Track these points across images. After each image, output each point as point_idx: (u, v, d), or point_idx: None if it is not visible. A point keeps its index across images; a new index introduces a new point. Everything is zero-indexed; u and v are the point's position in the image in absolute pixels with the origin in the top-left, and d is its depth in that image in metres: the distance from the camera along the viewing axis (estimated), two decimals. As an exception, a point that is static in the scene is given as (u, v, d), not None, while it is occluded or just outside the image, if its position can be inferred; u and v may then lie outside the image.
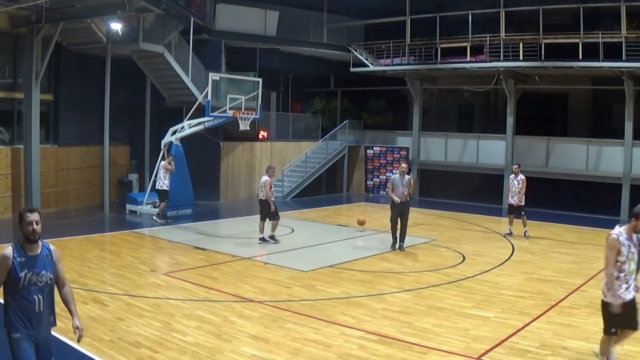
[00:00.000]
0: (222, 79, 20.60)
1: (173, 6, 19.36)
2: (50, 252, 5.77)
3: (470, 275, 12.82)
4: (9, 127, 19.90)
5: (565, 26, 22.46)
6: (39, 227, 5.59)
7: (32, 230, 5.53)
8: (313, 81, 31.72)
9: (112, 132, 21.08)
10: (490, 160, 25.51)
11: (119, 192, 23.64)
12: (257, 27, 25.50)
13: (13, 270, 5.40)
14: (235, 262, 13.78)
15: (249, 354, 8.06)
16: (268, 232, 16.09)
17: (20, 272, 5.40)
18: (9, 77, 20.00)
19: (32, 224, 5.53)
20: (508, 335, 8.89)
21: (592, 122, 26.82)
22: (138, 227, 18.76)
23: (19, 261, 5.44)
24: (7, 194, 19.13)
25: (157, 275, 12.33)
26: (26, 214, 5.57)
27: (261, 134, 26.43)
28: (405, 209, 15.33)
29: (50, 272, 5.66)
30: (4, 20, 18.46)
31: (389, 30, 27.39)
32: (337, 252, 15.61)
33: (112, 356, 7.83)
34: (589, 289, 11.71)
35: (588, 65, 21.52)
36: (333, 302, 10.68)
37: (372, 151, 28.65)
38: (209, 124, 20.63)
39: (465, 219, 21.28)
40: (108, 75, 20.42)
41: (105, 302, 10.27)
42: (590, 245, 16.55)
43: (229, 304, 10.38)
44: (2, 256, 5.44)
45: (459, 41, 24.86)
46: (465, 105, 30.44)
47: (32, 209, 5.68)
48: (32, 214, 5.58)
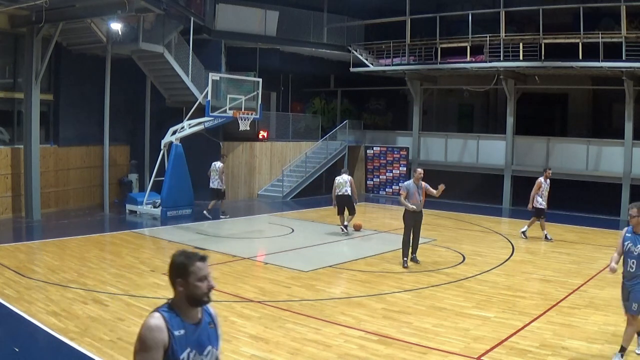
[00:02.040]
0: (222, 79, 20.61)
1: (173, 6, 19.38)
2: (212, 318, 4.00)
3: (470, 275, 12.82)
4: (9, 127, 19.89)
5: (565, 26, 22.46)
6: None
7: (208, 288, 3.73)
8: (313, 81, 31.74)
9: (112, 132, 21.08)
10: (490, 161, 25.50)
11: (119, 192, 23.64)
12: (257, 27, 25.51)
13: (171, 349, 3.61)
14: (235, 262, 13.77)
15: (249, 354, 8.06)
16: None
17: (181, 353, 3.63)
18: (9, 77, 20.01)
19: (207, 279, 3.71)
20: (508, 335, 8.89)
21: (592, 122, 26.85)
22: (138, 227, 18.77)
23: (177, 336, 3.65)
24: (7, 194, 19.13)
25: (157, 275, 12.32)
26: (195, 263, 3.69)
27: (261, 134, 26.45)
28: (419, 218, 13.95)
29: (215, 348, 3.91)
30: (4, 20, 18.47)
31: (389, 30, 27.40)
32: (337, 252, 15.61)
33: (112, 356, 7.82)
34: (588, 289, 11.72)
35: (588, 65, 21.51)
36: (333, 302, 10.68)
37: (372, 151, 28.64)
38: (209, 124, 20.63)
39: (465, 219, 21.29)
40: (108, 75, 20.42)
41: (106, 302, 10.26)
42: (590, 246, 16.57)
43: (229, 304, 10.37)
44: (153, 328, 3.63)
45: (459, 41, 24.86)
46: (465, 105, 30.46)
47: (203, 256, 3.73)
48: (204, 263, 3.71)
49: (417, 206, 13.61)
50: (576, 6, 21.61)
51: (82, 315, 9.48)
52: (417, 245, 14.12)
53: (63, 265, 12.93)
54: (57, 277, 11.81)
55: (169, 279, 3.79)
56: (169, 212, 19.75)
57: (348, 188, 17.61)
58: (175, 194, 19.95)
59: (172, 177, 19.96)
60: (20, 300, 10.14)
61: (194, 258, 3.68)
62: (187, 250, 3.79)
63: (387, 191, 28.05)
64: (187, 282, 3.67)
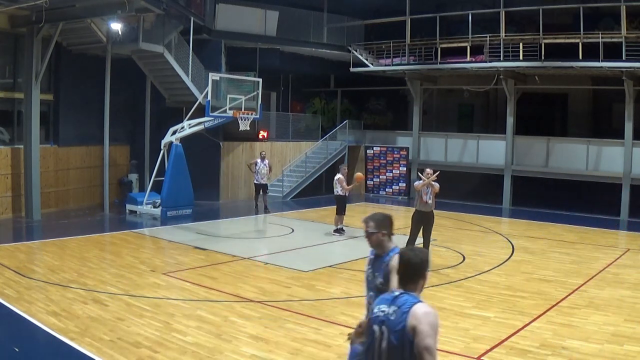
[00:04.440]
0: (222, 79, 20.61)
1: (173, 6, 19.38)
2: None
3: (470, 275, 12.82)
4: (9, 127, 19.89)
5: (565, 26, 22.46)
6: None
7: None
8: (313, 81, 31.75)
9: (112, 132, 21.08)
10: (490, 160, 25.51)
11: (119, 192, 23.63)
12: (257, 27, 25.50)
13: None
14: (235, 262, 13.78)
15: (249, 354, 8.06)
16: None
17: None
18: (9, 77, 20.00)
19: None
20: (508, 335, 8.89)
21: (592, 122, 26.83)
22: (138, 227, 18.78)
23: None
24: (7, 194, 19.13)
25: (157, 275, 12.32)
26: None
27: (261, 134, 26.46)
28: (427, 220, 13.70)
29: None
30: (4, 20, 18.47)
31: (389, 30, 27.38)
32: (337, 252, 15.63)
33: (112, 356, 7.82)
34: (588, 289, 11.72)
35: (588, 65, 21.50)
36: (333, 302, 10.69)
37: (372, 151, 28.64)
38: (209, 124, 20.63)
39: (465, 219, 21.28)
40: (108, 75, 20.42)
41: (106, 302, 10.27)
42: (590, 245, 16.57)
43: (229, 304, 10.38)
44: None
45: (459, 41, 24.86)
46: (465, 105, 30.44)
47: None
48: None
49: (425, 208, 13.54)
50: (576, 6, 21.60)
51: (82, 315, 9.49)
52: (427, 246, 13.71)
53: (63, 265, 12.93)
54: (57, 277, 11.82)
55: (419, 273, 4.24)
56: (169, 212, 19.75)
57: (339, 189, 17.70)
58: (175, 194, 19.94)
59: (172, 177, 19.95)
60: (20, 300, 10.14)
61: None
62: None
63: (387, 191, 28.06)
64: (426, 276, 4.25)
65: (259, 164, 21.58)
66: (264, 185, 21.76)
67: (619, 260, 14.66)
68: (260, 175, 21.59)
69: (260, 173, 21.56)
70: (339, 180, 17.66)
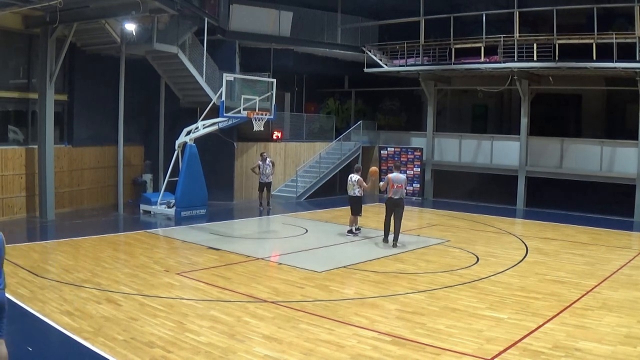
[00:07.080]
0: (236, 80, 20.60)
1: (187, 7, 19.43)
2: None
3: (484, 276, 12.78)
4: (24, 127, 20.04)
5: (579, 27, 22.35)
6: None
7: None
8: (327, 82, 31.73)
9: (126, 132, 21.20)
10: (504, 161, 25.41)
11: (133, 192, 23.73)
12: (271, 27, 25.54)
13: None
14: (248, 263, 13.80)
15: (262, 354, 8.08)
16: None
17: None
18: (24, 78, 20.14)
19: None
20: (521, 337, 8.86)
21: (606, 122, 26.70)
22: (152, 227, 18.84)
23: None
24: (21, 193, 19.26)
25: (170, 275, 12.37)
26: None
27: (275, 135, 26.49)
28: (396, 207, 15.91)
29: None
30: (18, 21, 18.61)
31: (403, 30, 27.32)
32: (350, 252, 15.60)
33: (126, 356, 7.86)
34: (602, 291, 11.66)
35: (602, 66, 21.39)
36: (346, 303, 10.69)
37: (386, 152, 28.59)
38: (223, 124, 20.63)
39: (479, 219, 21.21)
40: (122, 76, 20.54)
41: (119, 301, 10.32)
42: (603, 247, 16.47)
43: (243, 304, 10.40)
44: None
45: (473, 42, 24.77)
46: (479, 106, 30.34)
47: None
48: None
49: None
50: (590, 7, 21.51)
51: (96, 314, 9.54)
52: (397, 232, 15.89)
53: (77, 265, 13.00)
54: (70, 277, 11.89)
55: None
56: (183, 212, 19.83)
57: (357, 189, 17.61)
58: (189, 194, 20.02)
59: (187, 177, 20.03)
60: (34, 300, 10.21)
61: None
62: None
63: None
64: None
65: (262, 165, 22.34)
66: (268, 183, 22.62)
67: (633, 261, 14.56)
68: (265, 175, 22.47)
69: (265, 173, 22.43)
70: (358, 181, 17.58)
